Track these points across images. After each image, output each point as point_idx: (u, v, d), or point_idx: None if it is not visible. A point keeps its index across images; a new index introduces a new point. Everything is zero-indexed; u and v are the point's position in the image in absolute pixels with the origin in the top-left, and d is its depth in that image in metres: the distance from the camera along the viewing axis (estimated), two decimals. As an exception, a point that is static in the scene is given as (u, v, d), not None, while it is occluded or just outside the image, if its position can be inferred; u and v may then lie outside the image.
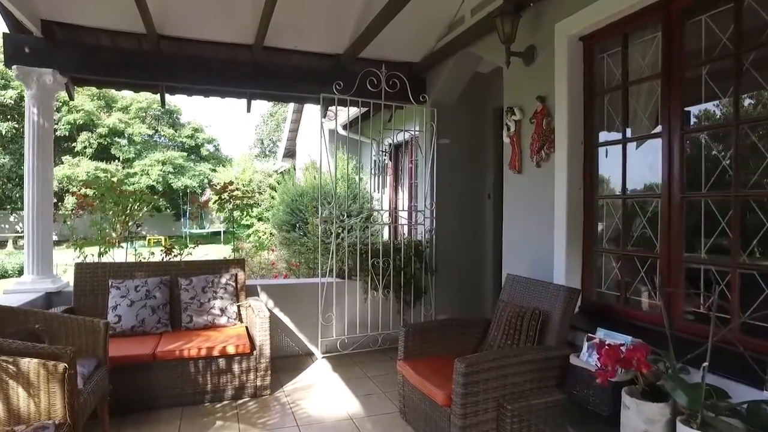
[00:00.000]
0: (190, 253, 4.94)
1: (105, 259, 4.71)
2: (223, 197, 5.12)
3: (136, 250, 4.83)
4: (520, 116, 3.54)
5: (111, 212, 4.60)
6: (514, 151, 3.61)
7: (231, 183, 5.54)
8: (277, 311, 4.55)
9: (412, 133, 5.09)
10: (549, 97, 3.26)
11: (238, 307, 4.05)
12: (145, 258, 4.92)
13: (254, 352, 3.52)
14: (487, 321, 3.36)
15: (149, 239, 21.80)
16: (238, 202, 5.72)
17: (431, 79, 5.09)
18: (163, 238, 20.89)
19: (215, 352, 3.38)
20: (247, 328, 3.90)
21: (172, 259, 4.70)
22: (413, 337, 3.15)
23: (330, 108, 7.20)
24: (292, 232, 8.90)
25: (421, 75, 5.15)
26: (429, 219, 5.07)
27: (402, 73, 4.71)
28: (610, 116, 3.02)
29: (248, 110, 5.31)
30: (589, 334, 2.56)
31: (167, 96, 5.17)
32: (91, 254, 4.52)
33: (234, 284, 4.09)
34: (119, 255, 4.61)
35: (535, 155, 3.35)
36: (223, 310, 3.94)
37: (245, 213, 16.07)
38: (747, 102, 2.41)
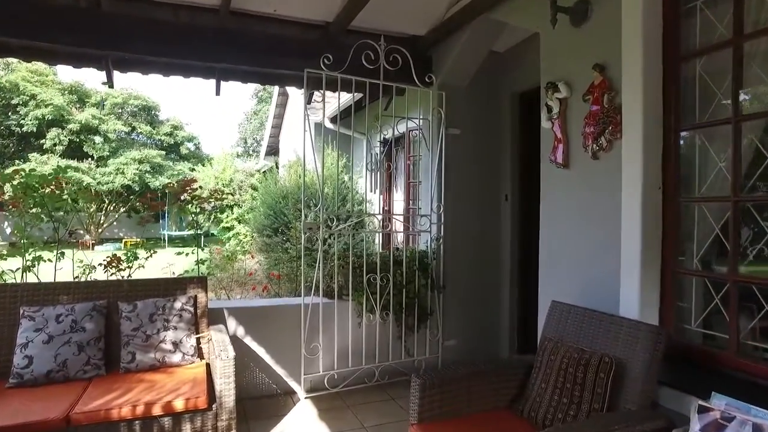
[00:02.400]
0: (142, 266, 3.99)
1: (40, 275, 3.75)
2: (183, 198, 4.20)
3: (81, 262, 3.89)
4: (567, 93, 2.71)
5: (39, 212, 3.63)
6: (557, 140, 2.77)
7: (194, 181, 4.62)
8: (249, 341, 3.65)
9: (416, 122, 4.23)
10: (612, 66, 2.43)
11: (198, 339, 3.15)
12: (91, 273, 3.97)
13: (213, 405, 2.62)
14: (526, 365, 2.53)
15: (126, 242, 20.67)
16: (205, 204, 4.80)
17: (439, 57, 4.24)
18: (139, 240, 19.81)
19: (157, 409, 2.48)
20: (208, 366, 3.01)
21: (116, 276, 3.77)
22: (431, 393, 2.28)
23: (316, 98, 6.32)
24: (273, 236, 7.98)
25: (427, 52, 4.30)
26: (435, 225, 4.22)
27: (404, 48, 3.86)
28: (706, 88, 2.19)
29: (217, 92, 4.39)
30: (702, 402, 1.73)
31: (119, 75, 4.22)
32: (9, 270, 3.54)
33: (192, 309, 3.19)
34: (48, 270, 3.65)
35: (592, 143, 2.52)
36: (177, 344, 3.03)
37: (225, 215, 15.10)
38: None
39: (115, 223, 20.73)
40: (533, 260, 4.45)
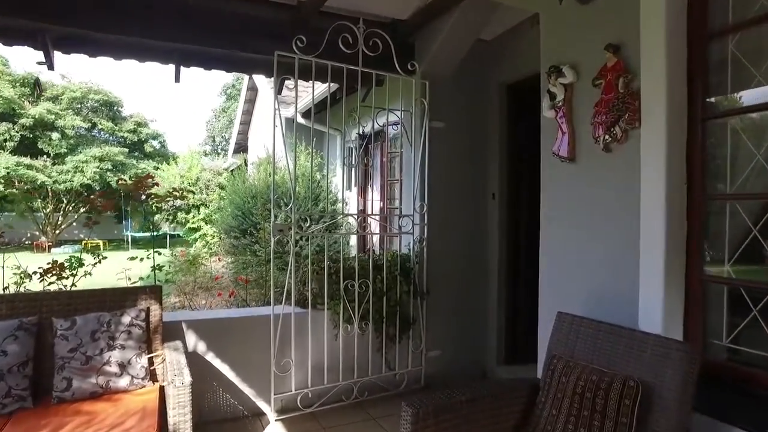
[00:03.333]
0: (89, 273, 3.50)
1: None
2: (135, 196, 3.73)
3: (18, 269, 3.38)
4: (573, 78, 2.41)
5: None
6: (562, 130, 2.47)
7: (149, 177, 4.16)
8: (211, 357, 3.23)
9: (397, 115, 3.89)
10: (628, 45, 2.15)
11: (151, 359, 2.72)
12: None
13: (165, 442, 2.20)
14: (529, 386, 2.21)
15: (85, 243, 19.62)
16: (163, 203, 4.32)
17: (422, 44, 3.91)
18: (101, 242, 18.83)
19: (95, 451, 2.05)
20: (162, 390, 2.58)
21: (56, 286, 3.27)
22: (425, 425, 1.93)
23: (288, 85, 5.91)
24: (242, 238, 7.51)
25: (409, 38, 3.96)
26: (418, 226, 3.88)
27: (385, 33, 3.51)
28: (741, 70, 1.92)
29: (177, 79, 3.94)
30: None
31: (62, 56, 3.72)
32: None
33: (144, 324, 2.75)
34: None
35: (603, 134, 2.23)
36: (124, 366, 2.59)
37: (191, 215, 14.43)
38: None
39: (74, 224, 19.64)
40: (522, 263, 4.18)
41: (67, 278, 3.36)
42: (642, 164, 2.06)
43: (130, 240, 18.82)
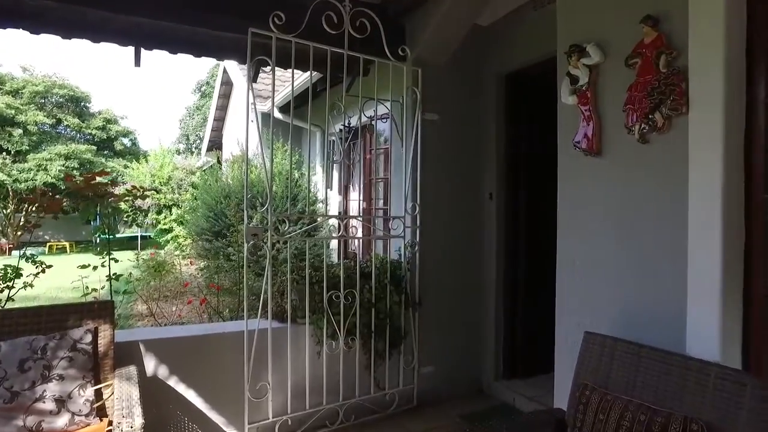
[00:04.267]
0: (30, 284, 3.01)
1: None
2: (89, 195, 3.25)
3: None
4: (600, 58, 2.07)
5: None
6: (585, 119, 2.13)
7: (104, 173, 3.67)
8: (175, 382, 2.78)
9: (386, 106, 3.50)
10: (671, 17, 1.82)
11: (98, 390, 2.27)
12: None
13: (109, 501, 1.77)
14: (552, 422, 1.86)
15: (51, 245, 18.63)
16: (122, 203, 3.85)
17: (414, 28, 3.54)
18: (67, 243, 17.91)
19: None
20: (111, 424, 2.14)
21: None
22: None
23: (264, 72, 5.46)
24: (214, 241, 7.02)
25: (399, 20, 3.58)
26: (410, 229, 3.50)
27: (373, 13, 3.13)
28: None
29: (137, 63, 3.47)
30: None
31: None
32: None
33: (91, 348, 2.29)
34: None
35: (639, 122, 1.89)
36: (63, 402, 2.14)
37: (162, 215, 13.79)
38: None
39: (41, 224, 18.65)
40: (521, 269, 3.85)
41: (2, 291, 2.87)
42: (690, 157, 1.73)
43: (97, 242, 17.96)
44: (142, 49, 3.40)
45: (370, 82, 3.32)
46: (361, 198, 5.20)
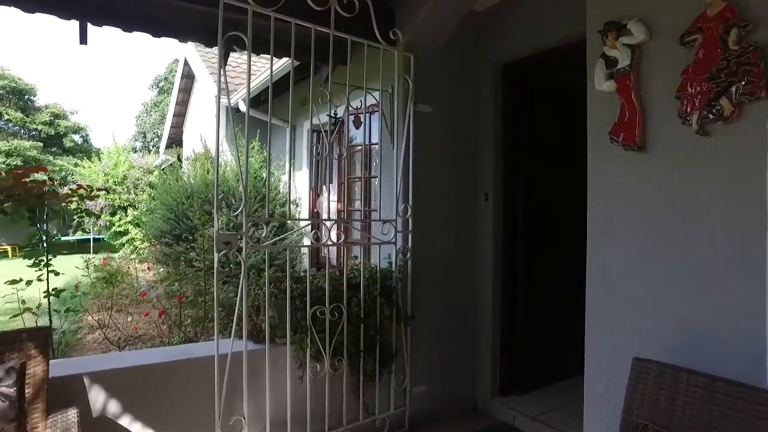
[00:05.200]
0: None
1: None
2: (20, 194, 2.72)
3: None
4: (645, 36, 1.78)
5: None
6: (626, 108, 1.82)
7: (41, 169, 3.14)
8: (128, 422, 2.31)
9: (375, 97, 3.12)
10: (742, -17, 1.52)
11: (26, 441, 1.80)
12: None
13: None
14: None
15: (-7, 248, 17.19)
16: (64, 203, 3.32)
17: (406, 9, 3.18)
18: (9, 247, 16.57)
19: None
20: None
21: None
22: None
23: (230, 72, 4.99)
24: (175, 245, 6.45)
25: (389, 1, 3.22)
26: (402, 234, 3.14)
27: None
28: None
29: (82, 40, 2.94)
30: None
31: None
32: None
33: (14, 392, 1.82)
34: None
35: (700, 110, 1.60)
36: (-21, 461, 1.66)
37: (117, 217, 12.90)
38: None
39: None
40: (520, 277, 3.55)
41: None
42: (771, 152, 1.44)
43: (47, 245, 16.71)
44: (90, 25, 2.90)
45: (357, 71, 2.93)
46: (346, 200, 4.80)
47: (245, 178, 2.50)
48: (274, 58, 2.77)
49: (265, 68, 5.40)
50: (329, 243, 2.91)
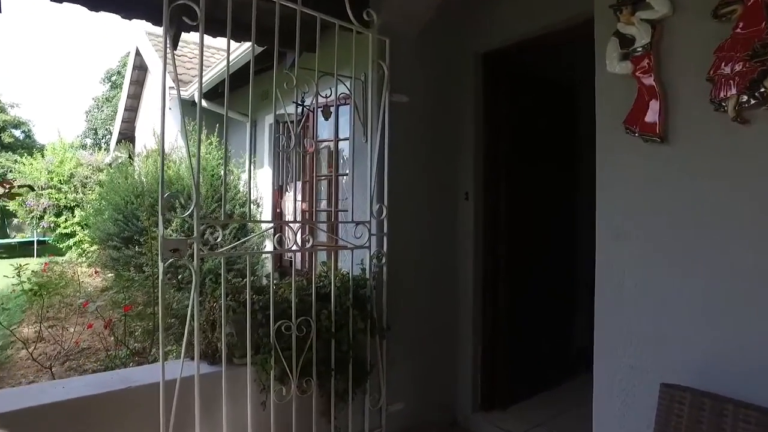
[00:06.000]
0: None
1: None
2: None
3: None
4: (667, 10, 1.56)
5: None
6: (646, 93, 1.59)
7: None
8: (51, 468, 1.92)
9: (345, 85, 2.80)
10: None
11: None
12: None
13: None
14: None
15: None
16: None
17: (380, -12, 2.88)
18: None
19: None
20: None
21: None
22: None
23: (186, 62, 4.56)
24: (124, 249, 5.92)
25: (362, -21, 2.91)
26: (376, 237, 2.85)
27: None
28: None
29: (-1, 11, 2.51)
30: None
31: None
32: None
33: None
34: None
35: (737, 93, 1.38)
36: None
37: (63, 218, 12.03)
38: None
39: None
40: (501, 282, 3.32)
41: None
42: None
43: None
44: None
45: (326, 60, 2.59)
46: (314, 200, 4.46)
47: (197, 174, 2.14)
48: (232, 41, 2.42)
49: (223, 59, 4.99)
50: (295, 248, 2.58)
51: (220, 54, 8.49)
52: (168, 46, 2.07)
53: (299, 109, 2.53)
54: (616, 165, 1.75)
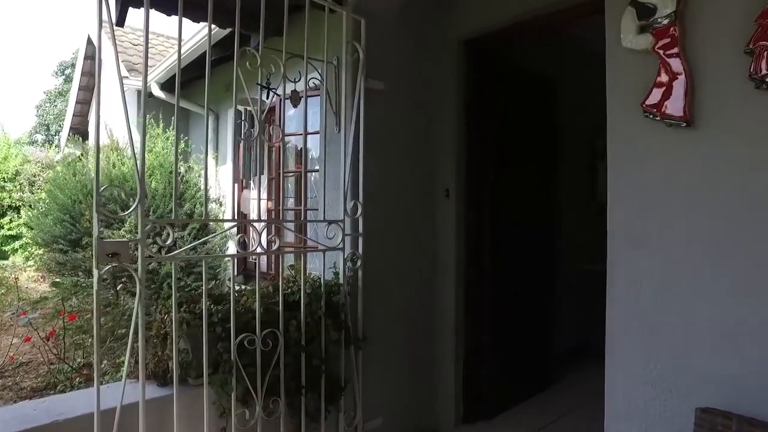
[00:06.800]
0: None
1: None
2: None
3: None
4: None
5: None
6: (667, 71, 1.38)
7: None
8: None
9: (316, 69, 2.52)
10: None
11: None
12: None
13: None
14: None
15: None
16: None
17: (354, -37, 2.61)
18: None
19: None
20: None
21: None
22: None
23: (141, 53, 4.17)
24: (71, 252, 5.43)
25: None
26: (350, 237, 2.58)
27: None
28: None
29: None
30: None
31: None
32: None
33: None
34: None
35: (785, 69, 1.17)
36: None
37: (8, 219, 11.20)
38: None
39: None
40: (486, 286, 3.11)
41: None
42: None
43: None
44: None
45: (295, 44, 2.30)
46: (281, 197, 4.14)
47: (141, 164, 1.81)
48: (193, 24, 2.11)
49: (189, 35, 4.60)
50: (260, 251, 2.28)
51: (166, 44, 8.02)
52: (109, 20, 1.76)
53: (265, 93, 2.22)
54: (631, 154, 1.54)
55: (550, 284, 3.65)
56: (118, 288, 4.31)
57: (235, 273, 3.80)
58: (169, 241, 1.90)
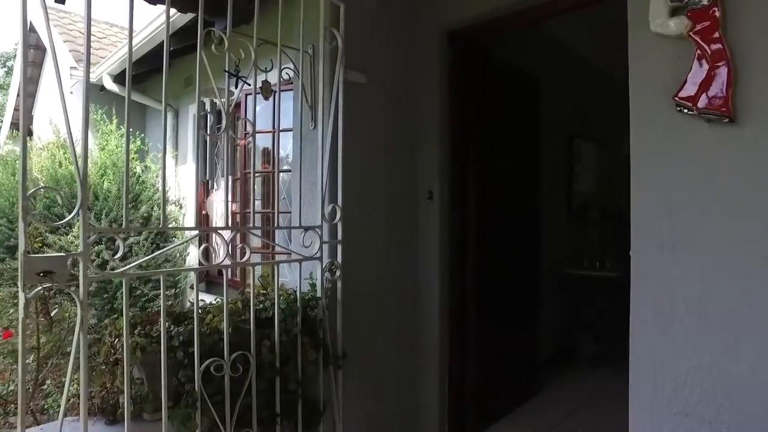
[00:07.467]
0: None
1: None
2: None
3: None
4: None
5: None
6: (705, 58, 1.22)
7: None
8: None
9: (290, 58, 2.26)
10: None
11: None
12: None
13: None
14: None
15: None
16: None
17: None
18: None
19: None
20: None
21: None
22: None
23: (93, 43, 3.75)
24: (10, 259, 4.92)
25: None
26: (329, 245, 2.33)
27: None
28: None
29: None
30: None
31: None
32: None
33: None
34: None
35: None
36: None
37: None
38: None
39: None
40: (470, 291, 2.93)
41: None
42: None
43: None
44: None
45: (266, 32, 2.03)
46: (249, 200, 3.82)
47: (84, 166, 1.52)
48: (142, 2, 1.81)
49: (136, 38, 4.22)
50: (227, 262, 2.00)
51: (117, 33, 7.55)
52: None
53: (233, 82, 1.95)
54: (661, 153, 1.36)
55: (535, 289, 3.53)
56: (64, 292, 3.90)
57: (198, 285, 3.48)
58: (118, 255, 1.60)
